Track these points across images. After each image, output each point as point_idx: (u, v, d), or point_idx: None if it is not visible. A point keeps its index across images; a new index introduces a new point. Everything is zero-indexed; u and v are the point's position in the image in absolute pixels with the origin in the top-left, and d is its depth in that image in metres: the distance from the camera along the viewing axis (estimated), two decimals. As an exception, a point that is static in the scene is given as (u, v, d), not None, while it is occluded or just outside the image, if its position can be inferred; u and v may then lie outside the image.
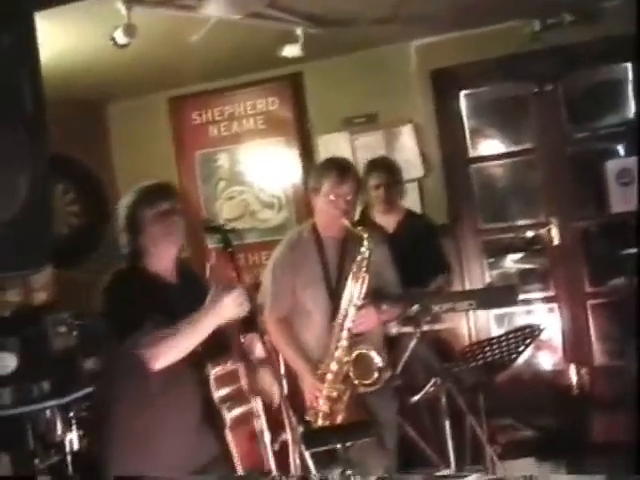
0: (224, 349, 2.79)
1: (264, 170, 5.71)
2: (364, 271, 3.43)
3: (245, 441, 2.74)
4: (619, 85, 5.13)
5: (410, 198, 5.13)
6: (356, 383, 3.48)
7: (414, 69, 5.33)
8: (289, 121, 5.62)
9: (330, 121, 5.50)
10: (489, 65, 5.12)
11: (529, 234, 5.63)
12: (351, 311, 3.46)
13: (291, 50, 4.64)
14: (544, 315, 5.41)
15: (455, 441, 3.74)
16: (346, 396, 3.51)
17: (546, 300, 5.41)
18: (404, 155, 5.29)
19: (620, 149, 5.32)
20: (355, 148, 5.43)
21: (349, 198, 3.52)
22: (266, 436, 2.77)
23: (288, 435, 2.68)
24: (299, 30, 4.51)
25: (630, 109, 5.14)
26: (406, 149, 5.36)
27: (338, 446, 3.33)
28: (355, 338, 3.48)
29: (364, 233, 3.44)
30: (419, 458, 4.24)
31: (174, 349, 2.67)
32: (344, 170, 3.56)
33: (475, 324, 5.32)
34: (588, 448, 4.79)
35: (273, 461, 2.77)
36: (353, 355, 3.46)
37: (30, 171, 1.86)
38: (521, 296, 4.62)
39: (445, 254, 4.79)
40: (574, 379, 5.19)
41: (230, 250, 2.76)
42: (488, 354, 3.64)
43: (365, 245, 3.43)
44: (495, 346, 3.66)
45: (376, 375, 3.45)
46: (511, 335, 3.71)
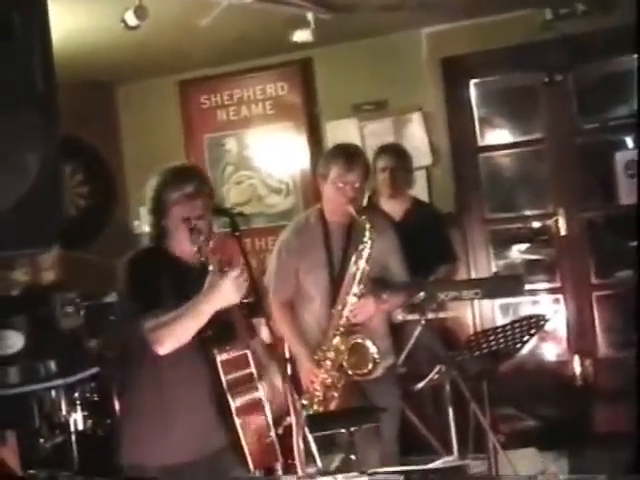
0: (233, 333, 2.75)
1: (272, 155, 5.70)
2: (365, 261, 3.40)
3: (254, 430, 2.72)
4: (630, 76, 5.07)
5: (418, 186, 5.12)
6: (350, 373, 3.47)
7: (424, 57, 5.31)
8: (298, 106, 5.61)
9: (339, 107, 5.49)
10: (500, 54, 5.10)
11: (536, 224, 5.60)
12: (350, 300, 3.43)
13: (302, 35, 4.61)
14: (549, 306, 5.40)
15: (458, 429, 3.73)
16: (340, 384, 3.49)
17: (551, 291, 5.41)
18: (413, 143, 5.28)
19: (629, 141, 5.28)
20: (364, 135, 5.41)
21: (357, 185, 3.48)
22: (270, 422, 2.75)
23: (292, 419, 2.61)
24: (310, 15, 4.49)
25: (641, 101, 5.12)
26: (415, 137, 5.35)
27: (342, 430, 3.31)
28: (354, 327, 3.46)
29: (367, 224, 3.41)
30: (421, 445, 4.27)
31: (176, 333, 2.65)
32: (353, 157, 3.53)
33: (480, 313, 5.33)
34: (590, 439, 4.80)
35: (278, 446, 2.74)
36: (349, 344, 3.44)
37: (41, 150, 1.85)
38: (527, 286, 4.59)
39: (452, 244, 4.78)
40: (578, 370, 5.20)
41: (237, 234, 2.72)
42: (493, 343, 3.62)
43: (367, 236, 3.40)
44: (500, 335, 3.64)
45: (370, 366, 3.43)
46: (516, 325, 3.69)
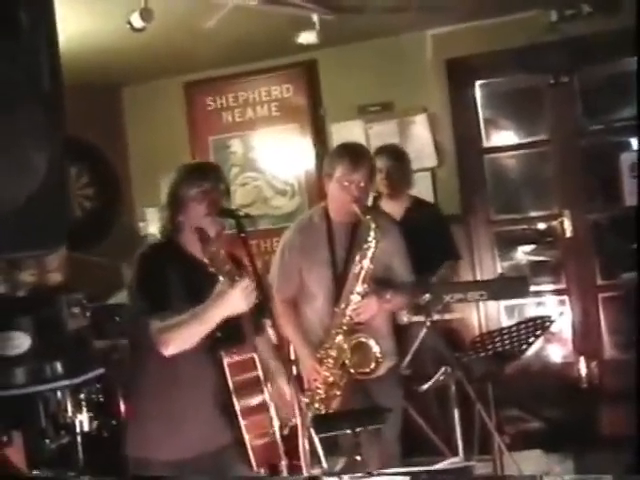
0: (241, 336, 2.76)
1: (277, 157, 5.68)
2: (369, 260, 3.39)
3: (259, 431, 2.73)
4: (635, 78, 5.07)
5: (423, 187, 5.13)
6: (352, 372, 3.46)
7: (430, 58, 5.31)
8: (303, 108, 5.60)
9: (344, 109, 5.47)
10: (505, 55, 5.08)
11: (541, 226, 5.61)
12: (353, 298, 3.42)
13: (307, 37, 4.61)
14: (555, 307, 5.40)
15: (463, 430, 3.71)
16: (342, 382, 3.48)
17: (557, 292, 5.40)
18: (418, 144, 5.28)
19: (634, 142, 5.26)
20: (369, 136, 5.39)
21: (362, 185, 3.46)
22: (275, 422, 2.76)
23: (297, 420, 2.63)
24: (315, 17, 4.48)
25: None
26: (420, 138, 5.34)
27: (348, 431, 3.27)
28: (356, 326, 3.45)
29: (372, 223, 3.39)
30: (426, 446, 4.25)
31: (183, 337, 2.67)
32: (358, 156, 3.52)
33: (485, 315, 5.32)
34: (595, 441, 4.78)
35: (282, 447, 2.75)
36: (352, 343, 3.44)
37: (47, 150, 1.83)
38: (532, 288, 4.58)
39: (454, 243, 4.76)
40: (583, 372, 5.19)
41: (243, 235, 2.71)
42: (498, 344, 3.62)
43: (372, 235, 3.38)
44: (505, 336, 3.64)
45: (373, 365, 3.43)
46: (522, 326, 3.69)
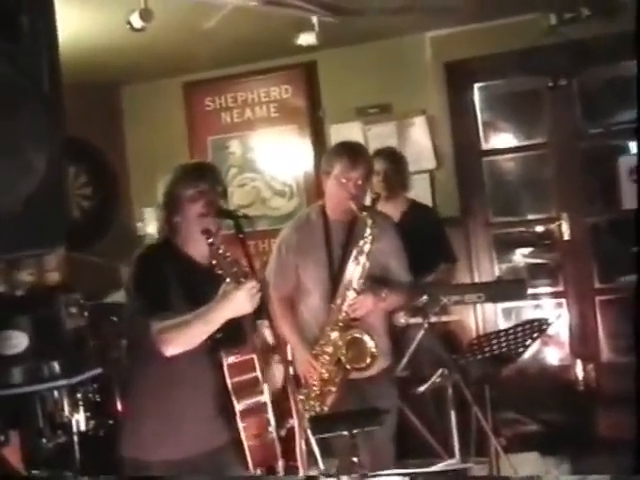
0: (241, 337, 2.74)
1: (276, 158, 5.69)
2: (365, 256, 3.38)
3: (256, 432, 2.72)
4: (635, 82, 5.07)
5: (421, 190, 5.14)
6: (348, 367, 3.45)
7: (429, 60, 5.32)
8: (302, 109, 5.62)
9: (343, 110, 5.48)
10: (504, 58, 5.09)
11: (539, 229, 5.62)
12: (349, 294, 3.41)
13: (306, 38, 4.61)
14: (552, 310, 5.40)
15: (460, 433, 3.70)
16: (338, 378, 3.48)
17: (554, 295, 5.42)
18: (416, 146, 5.29)
19: (633, 146, 5.26)
20: (368, 138, 5.38)
21: (359, 183, 3.46)
22: (272, 423, 2.74)
23: (295, 421, 2.62)
24: (314, 18, 4.48)
25: (645, 106, 5.12)
26: (419, 141, 5.35)
27: (345, 433, 3.24)
28: (352, 322, 3.44)
29: (369, 219, 3.38)
30: (422, 448, 4.24)
31: (185, 338, 2.65)
32: (356, 154, 3.52)
33: (483, 317, 5.33)
34: (592, 444, 4.77)
35: (279, 449, 2.73)
36: (347, 338, 3.43)
37: (47, 151, 1.82)
38: (529, 290, 4.59)
39: (450, 245, 4.76)
40: (580, 375, 5.19)
41: (242, 236, 2.69)
42: (495, 347, 3.61)
43: (368, 231, 3.37)
44: (502, 339, 3.63)
45: (369, 360, 3.42)
46: (519, 329, 3.68)
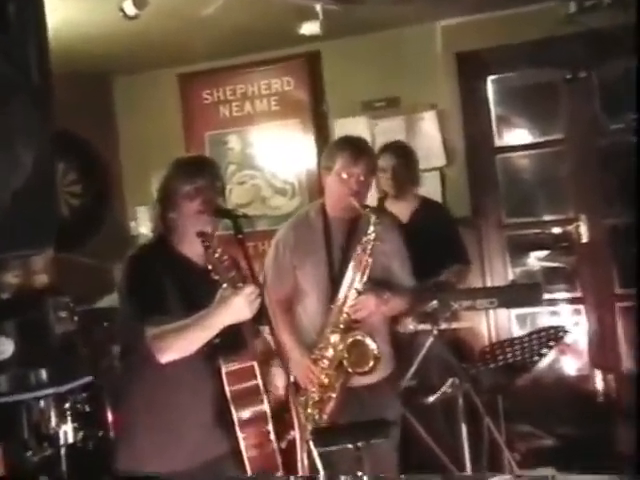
0: (241, 344, 2.73)
1: (277, 154, 5.65)
2: (368, 254, 3.35)
3: (256, 442, 2.72)
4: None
5: (431, 188, 5.12)
6: (349, 371, 3.43)
7: (439, 51, 5.28)
8: (305, 103, 5.57)
9: (348, 104, 5.45)
10: (519, 49, 5.04)
11: (556, 230, 5.53)
12: (351, 295, 3.39)
13: (310, 27, 4.56)
14: (569, 317, 5.37)
15: (471, 445, 3.67)
16: (338, 384, 3.45)
17: (572, 301, 5.38)
18: (426, 142, 5.27)
19: (656, 142, 5.27)
20: (374, 134, 5.35)
21: (362, 179, 3.45)
22: (272, 434, 2.75)
23: (296, 433, 2.61)
24: (318, 6, 4.42)
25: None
26: (428, 136, 5.32)
27: (349, 446, 3.24)
28: (353, 324, 3.42)
29: (372, 215, 3.38)
30: (430, 461, 4.15)
31: (182, 344, 2.65)
32: (359, 149, 3.51)
33: (495, 324, 5.29)
34: (612, 460, 4.66)
35: (280, 460, 2.74)
36: (348, 341, 3.40)
37: (35, 146, 1.81)
38: (545, 296, 4.56)
39: (464, 246, 4.71)
40: (599, 385, 5.15)
41: (240, 237, 2.66)
42: (509, 355, 3.61)
43: (372, 228, 3.36)
44: (517, 347, 3.62)
45: (372, 363, 3.38)
46: (534, 336, 3.68)
